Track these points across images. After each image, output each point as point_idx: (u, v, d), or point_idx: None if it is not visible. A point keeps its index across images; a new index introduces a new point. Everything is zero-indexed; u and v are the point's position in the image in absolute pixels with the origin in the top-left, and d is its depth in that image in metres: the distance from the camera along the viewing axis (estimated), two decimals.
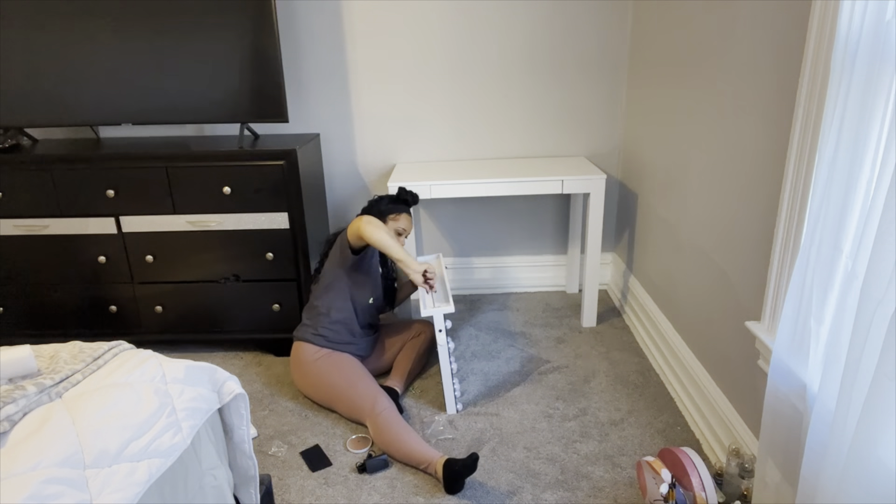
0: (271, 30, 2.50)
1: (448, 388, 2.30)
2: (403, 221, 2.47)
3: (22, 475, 1.01)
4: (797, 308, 1.43)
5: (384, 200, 2.49)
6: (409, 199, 2.51)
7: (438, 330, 2.22)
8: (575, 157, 3.14)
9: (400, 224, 2.46)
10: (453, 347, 2.35)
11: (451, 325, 2.29)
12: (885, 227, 1.05)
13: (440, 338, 2.23)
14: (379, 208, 2.46)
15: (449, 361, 2.28)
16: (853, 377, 1.14)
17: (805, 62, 1.45)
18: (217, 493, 1.42)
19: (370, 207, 2.47)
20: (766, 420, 1.52)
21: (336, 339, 2.36)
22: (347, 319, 2.38)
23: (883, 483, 1.12)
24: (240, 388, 1.49)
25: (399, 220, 2.46)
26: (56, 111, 2.65)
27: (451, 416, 2.31)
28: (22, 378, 1.25)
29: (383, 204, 2.47)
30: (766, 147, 1.70)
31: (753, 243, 1.80)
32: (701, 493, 1.64)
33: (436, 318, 2.22)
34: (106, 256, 2.66)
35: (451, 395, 2.31)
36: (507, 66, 2.99)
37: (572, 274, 3.32)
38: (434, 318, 2.22)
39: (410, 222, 2.50)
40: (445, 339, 2.24)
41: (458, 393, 2.35)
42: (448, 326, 2.26)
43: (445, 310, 2.22)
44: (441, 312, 2.22)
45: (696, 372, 2.20)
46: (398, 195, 2.51)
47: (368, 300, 2.41)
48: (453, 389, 2.31)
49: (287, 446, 2.19)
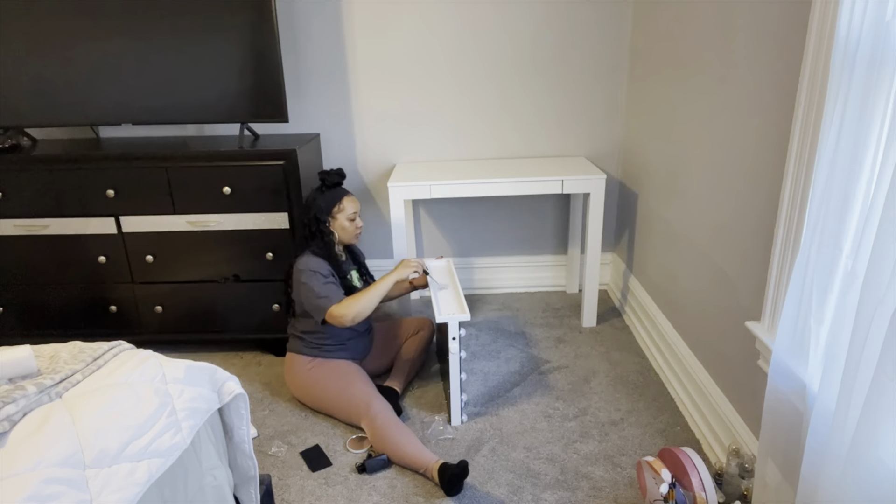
0: (271, 30, 2.50)
1: (455, 399, 2.22)
2: (348, 205, 2.31)
3: (22, 475, 1.01)
4: (797, 308, 1.43)
5: (316, 198, 2.30)
6: (338, 178, 2.33)
7: (452, 338, 2.12)
8: (575, 157, 3.14)
9: (347, 210, 2.30)
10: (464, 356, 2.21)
11: (465, 333, 2.16)
12: (885, 226, 1.05)
13: (453, 346, 2.12)
14: (318, 208, 2.28)
15: (459, 371, 2.18)
16: (853, 377, 1.14)
17: (805, 62, 1.45)
18: (217, 493, 1.42)
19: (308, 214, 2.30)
20: (766, 420, 1.52)
21: (328, 348, 2.33)
22: (334, 332, 2.32)
23: (883, 483, 1.12)
24: (240, 388, 1.48)
25: (345, 207, 2.30)
26: (56, 111, 2.65)
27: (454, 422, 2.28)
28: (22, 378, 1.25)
29: (319, 201, 2.29)
30: (766, 147, 1.70)
31: (753, 243, 1.80)
32: (701, 493, 1.64)
33: (450, 326, 2.11)
34: (106, 256, 2.66)
35: (457, 406, 2.23)
36: (507, 65, 2.99)
37: (572, 274, 3.32)
38: (448, 326, 2.11)
39: (355, 200, 2.34)
40: (458, 348, 2.13)
41: (463, 403, 2.27)
42: (462, 335, 2.15)
43: (460, 317, 2.12)
44: (456, 320, 2.11)
45: (696, 372, 2.20)
46: (324, 182, 2.32)
47: None
48: (460, 401, 2.24)
49: (287, 446, 2.19)
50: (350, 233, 2.36)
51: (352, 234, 2.36)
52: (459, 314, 2.14)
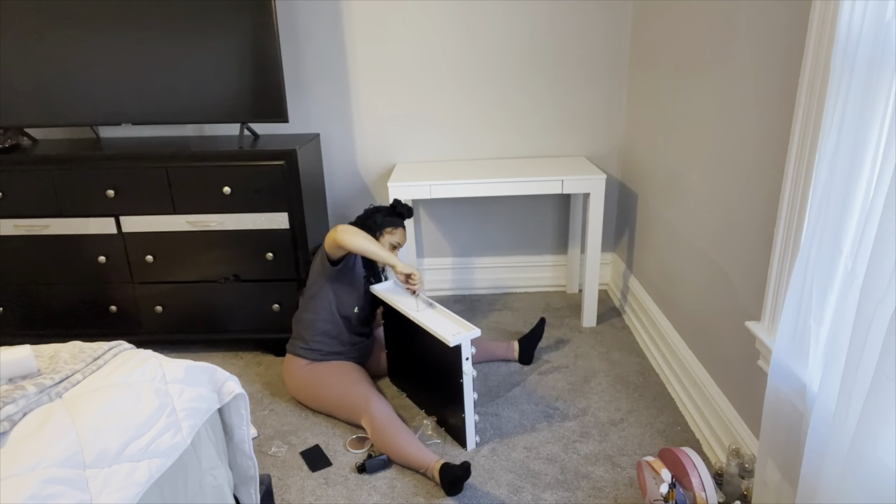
0: (271, 30, 2.50)
1: (470, 422, 2.10)
2: (398, 235, 2.42)
3: (22, 475, 1.01)
4: (797, 308, 1.43)
5: (380, 213, 2.43)
6: (405, 213, 2.46)
7: (465, 358, 2.02)
8: (575, 157, 3.14)
9: (395, 238, 2.41)
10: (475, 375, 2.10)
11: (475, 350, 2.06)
12: (885, 227, 1.05)
13: (466, 367, 2.02)
14: (374, 220, 2.40)
15: (472, 391, 2.08)
16: (853, 377, 1.14)
17: (805, 62, 1.45)
18: (217, 493, 1.42)
19: (365, 218, 2.42)
20: (766, 420, 1.52)
21: (326, 351, 2.33)
22: (334, 331, 2.33)
23: (883, 483, 1.12)
24: (240, 388, 1.49)
25: (395, 234, 2.41)
26: (56, 111, 2.65)
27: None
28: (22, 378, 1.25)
29: (379, 217, 2.41)
30: (766, 147, 1.70)
31: (753, 243, 1.80)
32: (701, 493, 1.64)
33: (463, 346, 2.00)
34: (106, 256, 2.66)
35: (472, 430, 2.12)
36: (507, 65, 2.99)
37: (572, 274, 3.32)
38: (462, 346, 2.00)
39: (405, 235, 2.46)
40: (471, 368, 2.04)
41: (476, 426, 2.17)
42: (474, 352, 2.07)
43: (473, 334, 2.02)
44: (468, 338, 2.01)
45: (696, 372, 2.20)
46: (393, 208, 2.45)
47: (353, 309, 2.36)
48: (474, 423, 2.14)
49: (287, 446, 2.19)
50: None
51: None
52: (467, 332, 2.03)
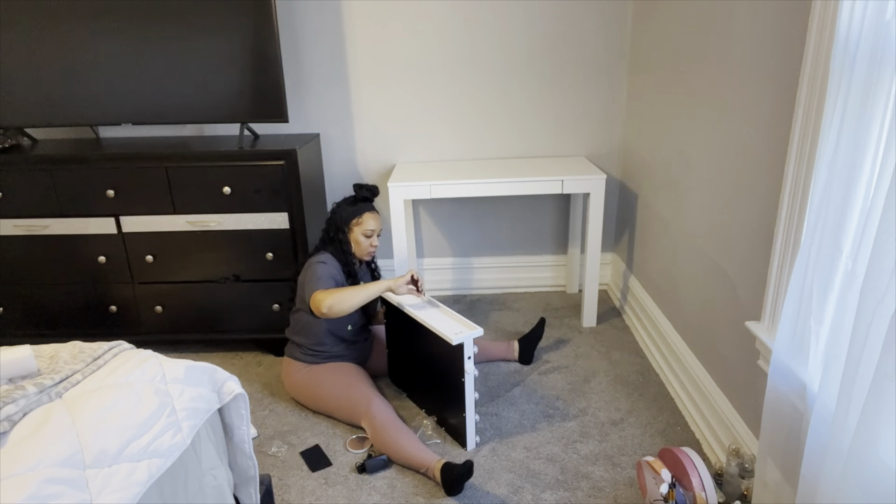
0: (271, 30, 2.50)
1: (471, 422, 2.10)
2: (369, 222, 2.31)
3: (22, 475, 1.01)
4: (797, 308, 1.43)
5: (341, 208, 2.33)
6: (368, 193, 2.33)
7: (467, 357, 2.00)
8: (575, 157, 3.14)
9: (366, 226, 2.30)
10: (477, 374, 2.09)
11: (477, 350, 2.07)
12: (885, 227, 1.05)
13: (468, 366, 2.01)
14: (338, 219, 2.31)
15: (473, 391, 2.07)
16: (853, 377, 1.14)
17: (805, 62, 1.45)
18: (217, 493, 1.42)
19: (331, 220, 2.33)
20: (766, 420, 1.52)
21: (325, 355, 2.32)
22: (330, 341, 2.32)
23: (883, 483, 1.12)
24: (240, 388, 1.49)
25: (364, 222, 2.31)
26: (56, 111, 2.65)
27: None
28: (22, 378, 1.25)
29: (341, 213, 2.31)
30: (766, 147, 1.70)
31: (753, 243, 1.80)
32: (701, 493, 1.64)
33: (466, 345, 1.99)
34: (106, 256, 2.66)
35: (472, 429, 2.12)
36: (507, 65, 2.99)
37: (572, 274, 3.32)
38: (465, 345, 1.99)
39: (378, 219, 2.34)
40: (473, 367, 2.03)
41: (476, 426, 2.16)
42: (476, 351, 2.05)
43: (475, 333, 2.01)
44: (471, 337, 1.99)
45: (696, 372, 2.19)
46: (355, 194, 2.35)
47: (347, 328, 2.34)
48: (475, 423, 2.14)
49: (287, 446, 2.19)
50: (363, 249, 2.33)
51: (364, 251, 2.34)
52: (470, 331, 2.01)
